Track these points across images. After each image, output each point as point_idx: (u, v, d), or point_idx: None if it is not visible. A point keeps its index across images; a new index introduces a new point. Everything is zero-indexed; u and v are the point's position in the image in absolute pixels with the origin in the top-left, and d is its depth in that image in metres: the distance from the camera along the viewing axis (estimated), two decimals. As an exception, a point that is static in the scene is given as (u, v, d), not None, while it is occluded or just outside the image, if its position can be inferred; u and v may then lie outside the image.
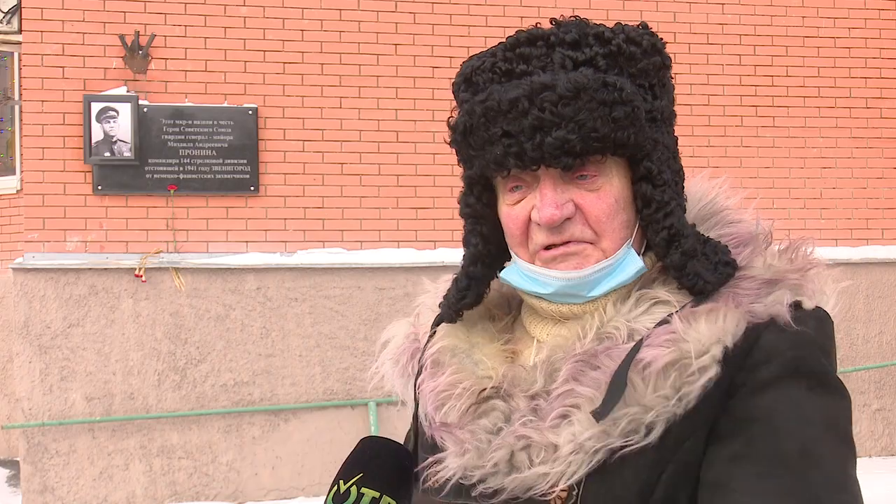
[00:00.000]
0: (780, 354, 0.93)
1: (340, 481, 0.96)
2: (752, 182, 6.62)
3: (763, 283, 0.99)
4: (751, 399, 0.91)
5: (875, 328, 6.73)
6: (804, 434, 0.88)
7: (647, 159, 1.01)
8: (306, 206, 6.06)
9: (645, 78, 1.03)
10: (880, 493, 5.36)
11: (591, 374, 0.94)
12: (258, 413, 5.86)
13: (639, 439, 0.91)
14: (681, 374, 0.92)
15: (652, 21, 6.53)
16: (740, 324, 0.95)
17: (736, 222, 1.09)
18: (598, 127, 0.96)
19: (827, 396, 0.92)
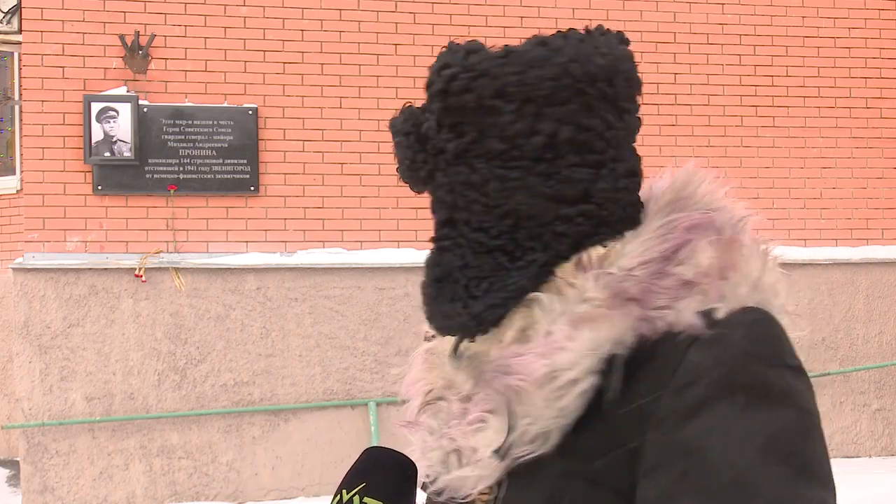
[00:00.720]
0: (706, 374, 0.85)
1: (343, 491, 0.96)
2: (752, 182, 6.63)
3: (682, 284, 0.92)
4: (681, 427, 0.84)
5: (875, 328, 6.73)
6: (737, 462, 0.80)
7: None
8: (306, 206, 6.06)
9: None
10: (880, 493, 5.36)
11: (503, 379, 0.94)
12: (258, 413, 5.86)
13: (536, 448, 0.91)
14: (552, 386, 0.90)
15: (652, 21, 6.58)
16: (627, 333, 0.90)
17: (690, 210, 0.99)
18: None
19: (766, 410, 0.83)
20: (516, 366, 0.93)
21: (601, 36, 1.00)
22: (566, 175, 0.95)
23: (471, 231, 0.99)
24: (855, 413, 6.69)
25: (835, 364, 6.65)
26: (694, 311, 0.89)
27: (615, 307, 0.91)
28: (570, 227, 0.96)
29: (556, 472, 0.91)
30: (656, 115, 6.47)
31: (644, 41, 6.43)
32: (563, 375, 0.89)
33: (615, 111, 0.97)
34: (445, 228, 1.02)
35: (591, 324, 0.90)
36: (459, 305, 0.98)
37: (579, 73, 0.94)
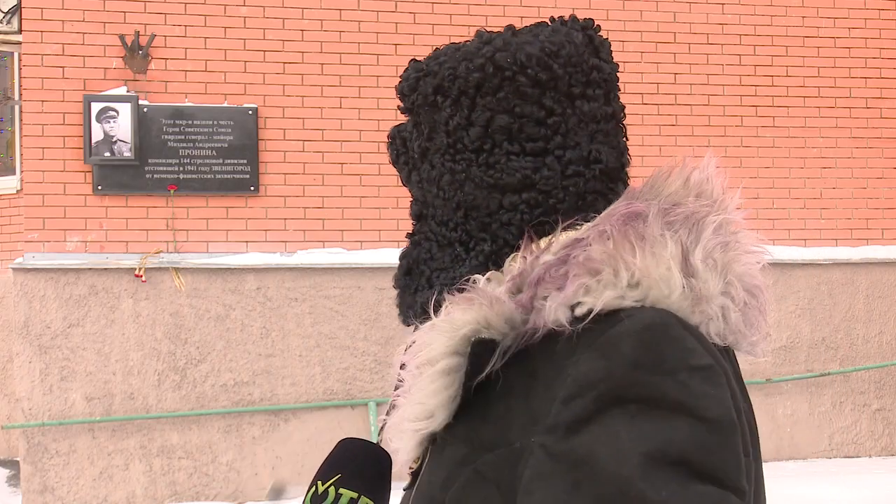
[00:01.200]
0: (593, 387, 0.82)
1: (318, 482, 0.97)
2: (752, 182, 6.63)
3: (564, 276, 0.88)
4: (570, 438, 0.82)
5: (875, 328, 6.73)
6: (621, 474, 0.78)
7: None
8: (306, 206, 6.06)
9: None
10: (880, 493, 5.36)
11: (406, 358, 0.97)
12: (258, 413, 5.86)
13: (426, 425, 0.92)
14: (415, 363, 0.92)
15: (652, 21, 6.58)
16: (497, 318, 0.88)
17: (639, 200, 0.96)
18: None
19: (656, 420, 0.80)
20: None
21: (560, 25, 1.02)
22: (504, 164, 0.96)
23: (436, 225, 1.03)
24: (855, 413, 6.69)
25: (835, 364, 6.65)
26: (561, 305, 0.86)
27: (513, 292, 0.90)
28: (515, 216, 0.96)
29: (456, 456, 0.91)
30: (656, 115, 6.47)
31: (644, 41, 6.43)
32: (422, 353, 0.91)
33: (559, 97, 0.96)
34: (418, 224, 1.06)
35: (461, 304, 0.91)
36: (419, 296, 1.01)
37: (506, 62, 0.95)
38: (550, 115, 0.96)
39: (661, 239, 0.88)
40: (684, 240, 0.90)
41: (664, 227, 0.90)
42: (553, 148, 0.96)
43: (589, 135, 0.98)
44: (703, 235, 0.92)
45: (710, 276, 0.90)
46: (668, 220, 0.91)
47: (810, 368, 6.61)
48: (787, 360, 6.57)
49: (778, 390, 6.49)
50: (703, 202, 0.96)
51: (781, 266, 6.56)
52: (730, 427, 0.82)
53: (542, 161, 0.96)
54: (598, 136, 0.99)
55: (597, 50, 1.02)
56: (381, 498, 0.96)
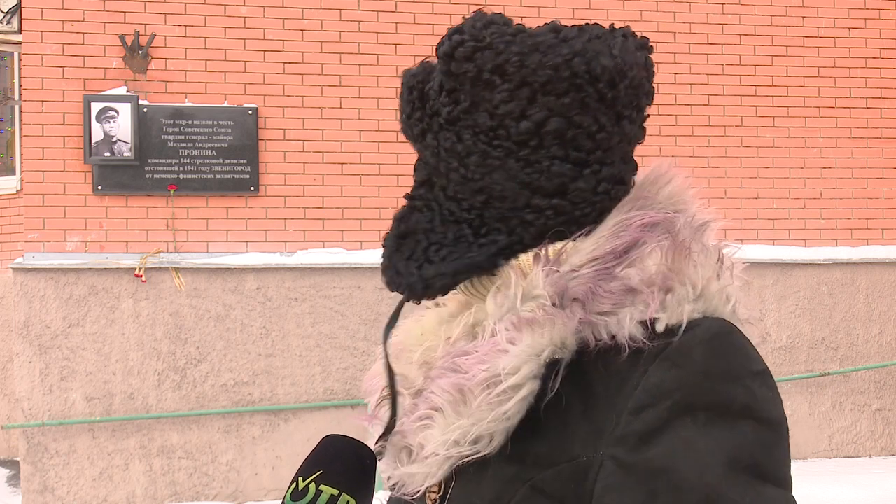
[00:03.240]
0: (667, 396, 0.84)
1: (299, 478, 0.96)
2: (752, 182, 6.63)
3: (627, 290, 0.89)
4: (644, 448, 0.83)
5: (875, 328, 6.73)
6: (704, 482, 0.80)
7: None
8: (306, 206, 6.06)
9: None
10: (880, 493, 5.36)
11: (450, 377, 0.93)
12: (258, 413, 5.86)
13: (481, 448, 0.90)
14: (494, 391, 0.89)
15: (652, 21, 6.58)
16: (569, 337, 0.89)
17: (650, 209, 0.97)
18: None
19: (727, 427, 0.83)
20: (462, 365, 0.92)
21: (622, 37, 0.99)
22: (546, 166, 0.95)
23: (445, 198, 0.99)
24: (855, 413, 6.69)
25: (835, 364, 6.65)
26: (636, 322, 0.87)
27: (558, 308, 0.89)
28: (539, 218, 0.95)
29: (503, 475, 0.90)
30: (656, 115, 6.46)
31: (644, 41, 6.43)
32: (504, 381, 0.88)
33: (612, 115, 0.96)
34: (422, 189, 1.02)
35: (532, 326, 0.89)
36: (414, 265, 0.99)
37: (581, 69, 0.93)
38: (601, 131, 0.95)
39: (704, 250, 0.92)
40: (718, 248, 0.95)
41: (692, 235, 0.93)
42: (593, 162, 0.96)
43: (622, 155, 0.99)
44: (710, 240, 0.96)
45: (732, 282, 0.96)
46: (691, 228, 0.95)
47: (810, 368, 6.61)
48: (787, 360, 6.57)
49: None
50: (697, 206, 1.00)
51: (781, 266, 6.56)
52: (786, 427, 0.87)
53: (581, 172, 0.95)
54: (626, 157, 1.00)
55: (650, 74, 1.02)
56: (363, 496, 0.96)
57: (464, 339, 0.97)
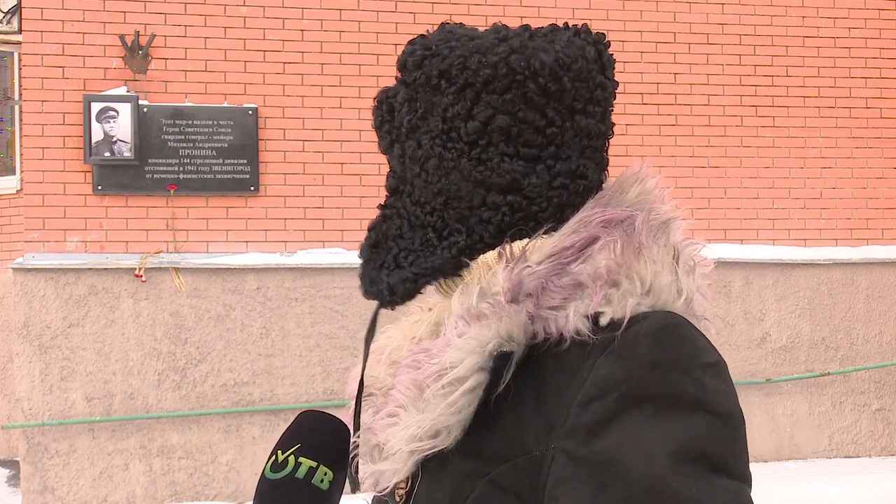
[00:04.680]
0: (614, 388, 0.84)
1: (279, 451, 0.98)
2: (752, 182, 6.63)
3: (576, 285, 0.90)
4: (593, 440, 0.83)
5: (875, 328, 6.73)
6: (650, 473, 0.80)
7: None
8: (306, 206, 6.06)
9: None
10: (880, 493, 5.36)
11: (411, 374, 0.95)
12: (258, 413, 5.86)
13: (439, 443, 0.91)
14: (441, 383, 0.90)
15: (652, 21, 6.58)
16: (516, 331, 0.89)
17: (612, 207, 0.98)
18: None
19: (676, 418, 0.82)
20: (421, 361, 0.94)
21: (573, 34, 1.02)
22: (497, 163, 0.96)
23: (411, 204, 1.02)
24: (855, 413, 6.69)
25: (835, 364, 6.65)
26: (580, 315, 0.88)
27: (512, 303, 0.91)
28: (495, 216, 0.97)
29: (461, 470, 0.91)
30: (656, 115, 6.47)
31: (644, 41, 6.43)
32: (450, 373, 0.90)
33: (563, 110, 0.97)
34: (392, 198, 1.06)
35: (480, 320, 0.91)
36: (385, 272, 1.02)
37: (519, 65, 0.95)
38: (550, 126, 0.96)
39: (659, 246, 0.92)
40: (675, 245, 0.95)
41: (650, 232, 0.94)
42: (545, 157, 0.97)
43: (580, 150, 0.99)
44: (675, 238, 0.97)
45: (687, 278, 0.94)
46: (650, 226, 0.95)
47: (810, 368, 6.61)
48: (787, 360, 6.57)
49: (778, 390, 6.48)
50: (667, 206, 1.00)
51: (781, 266, 6.56)
52: (740, 419, 0.86)
53: (533, 168, 0.96)
54: (587, 151, 1.00)
55: (604, 67, 1.03)
56: (339, 467, 0.98)
57: (428, 337, 1.00)
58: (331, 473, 0.96)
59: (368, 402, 1.03)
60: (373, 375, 1.05)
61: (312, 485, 0.95)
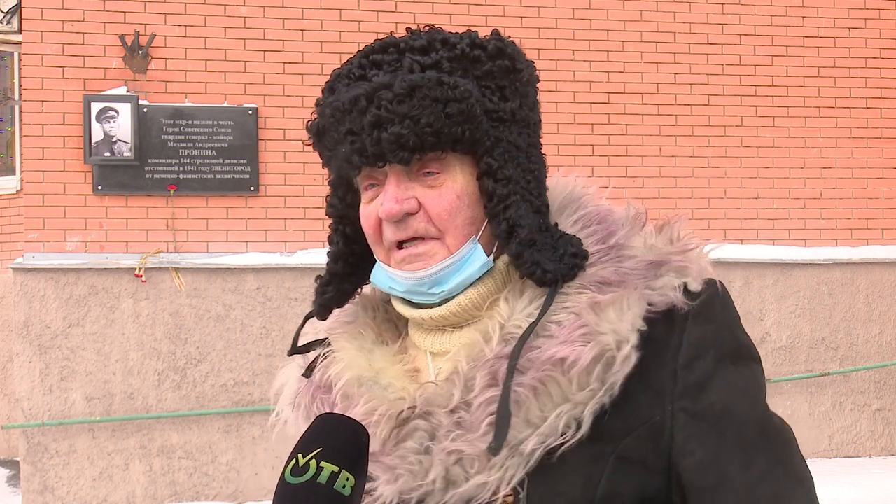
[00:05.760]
0: (710, 347, 0.99)
1: (299, 454, 0.96)
2: (752, 182, 6.63)
3: (648, 265, 1.02)
4: (702, 397, 0.98)
5: (875, 328, 6.73)
6: (754, 416, 0.99)
7: (488, 155, 1.04)
8: (306, 206, 6.06)
9: (491, 80, 1.06)
10: (880, 493, 5.36)
11: (519, 377, 0.96)
12: (258, 413, 5.86)
13: (571, 435, 0.94)
14: (605, 367, 0.95)
15: (652, 21, 6.57)
16: (642, 308, 0.98)
17: (592, 205, 1.11)
18: (432, 122, 1.00)
19: (748, 367, 1.02)
20: (542, 358, 0.96)
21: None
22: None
23: (533, 213, 1.07)
24: (855, 413, 6.69)
25: (835, 364, 6.65)
26: (674, 288, 1.00)
27: (624, 289, 0.99)
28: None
29: (586, 456, 0.95)
30: (656, 115, 6.47)
31: (644, 41, 6.43)
32: (617, 357, 0.95)
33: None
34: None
35: (612, 305, 0.97)
36: (556, 257, 1.04)
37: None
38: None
39: (686, 235, 1.08)
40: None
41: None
42: None
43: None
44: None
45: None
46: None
47: (810, 368, 6.61)
48: (787, 360, 6.56)
49: (778, 390, 6.48)
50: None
51: (781, 266, 6.56)
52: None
53: None
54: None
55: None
56: (360, 473, 0.96)
57: (501, 343, 1.00)
58: (352, 479, 0.94)
59: (411, 427, 1.01)
60: (425, 393, 1.02)
61: (334, 490, 0.92)
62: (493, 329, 1.01)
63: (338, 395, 1.09)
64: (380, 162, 1.02)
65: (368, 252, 1.13)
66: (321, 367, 1.16)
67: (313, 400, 1.15)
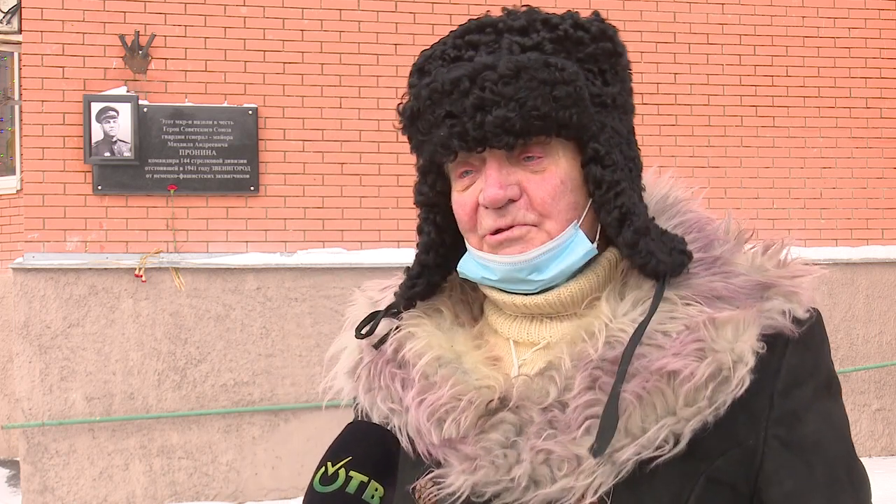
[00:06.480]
0: (810, 376, 0.97)
1: (328, 463, 0.94)
2: (752, 182, 6.63)
3: (756, 285, 0.98)
4: (797, 426, 0.95)
5: (875, 328, 6.73)
6: (845, 452, 0.98)
7: (594, 140, 0.99)
8: (306, 206, 6.06)
9: (594, 63, 1.01)
10: (880, 493, 5.36)
11: (635, 380, 0.93)
12: (258, 413, 5.86)
13: (668, 450, 0.91)
14: (717, 386, 0.92)
15: (652, 21, 6.57)
16: (758, 329, 0.95)
17: (692, 211, 1.09)
18: (539, 105, 0.95)
19: (838, 400, 1.00)
20: (651, 368, 0.93)
21: None
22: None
23: (639, 198, 1.05)
24: (855, 413, 6.69)
25: (835, 364, 6.64)
26: (782, 313, 0.97)
27: (728, 304, 0.96)
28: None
29: (677, 472, 0.92)
30: (656, 115, 6.47)
31: (644, 41, 6.43)
32: (734, 377, 0.92)
33: None
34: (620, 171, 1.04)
35: (730, 323, 0.94)
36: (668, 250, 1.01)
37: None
38: None
39: (797, 259, 1.07)
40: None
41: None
42: None
43: None
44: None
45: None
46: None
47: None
48: (787, 360, 6.56)
49: (778, 390, 6.49)
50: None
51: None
52: None
53: None
54: None
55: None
56: (389, 483, 0.94)
57: (605, 346, 0.96)
58: (381, 489, 0.93)
59: (498, 418, 0.97)
60: (522, 386, 0.97)
61: (363, 500, 0.91)
62: (600, 330, 0.97)
63: (418, 374, 1.03)
64: (480, 146, 0.97)
65: (458, 243, 1.07)
66: (393, 340, 1.09)
67: (380, 372, 1.08)
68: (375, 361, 1.10)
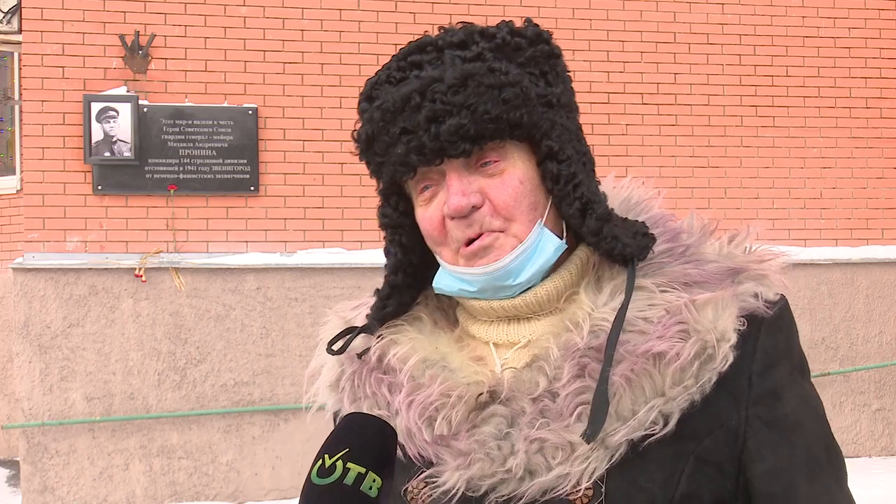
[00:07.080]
0: (784, 357, 1.00)
1: (326, 455, 0.95)
2: (752, 182, 6.63)
3: (727, 270, 1.02)
4: (777, 406, 0.98)
5: (875, 328, 6.73)
6: (822, 431, 1.00)
7: (546, 138, 1.02)
8: (306, 206, 6.06)
9: (535, 66, 1.06)
10: (880, 493, 5.36)
11: (631, 363, 0.96)
12: (258, 413, 5.86)
13: (658, 430, 0.93)
14: (702, 364, 0.95)
15: (652, 21, 6.57)
16: (736, 309, 0.99)
17: (657, 209, 1.13)
18: (490, 109, 0.98)
19: (809, 380, 1.04)
20: (637, 351, 0.95)
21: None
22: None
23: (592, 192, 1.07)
24: (855, 413, 6.69)
25: (835, 364, 6.65)
26: (754, 296, 1.00)
27: (704, 289, 0.99)
28: None
29: (668, 453, 0.94)
30: (656, 115, 6.47)
31: (644, 41, 6.43)
32: (718, 355, 0.95)
33: None
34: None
35: (709, 304, 0.97)
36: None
37: None
38: None
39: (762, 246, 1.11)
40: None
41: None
42: None
43: None
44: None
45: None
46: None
47: (810, 368, 6.60)
48: (787, 360, 6.56)
49: (778, 390, 6.49)
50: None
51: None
52: None
53: None
54: None
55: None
56: (387, 473, 0.94)
57: (589, 334, 0.98)
58: (379, 480, 0.92)
59: (489, 412, 0.98)
60: (511, 378, 0.99)
61: (361, 492, 0.91)
62: (584, 319, 0.99)
63: (405, 377, 1.05)
64: (439, 158, 0.99)
65: (426, 261, 1.09)
66: (376, 349, 1.11)
67: (365, 381, 1.11)
68: (359, 371, 1.12)
